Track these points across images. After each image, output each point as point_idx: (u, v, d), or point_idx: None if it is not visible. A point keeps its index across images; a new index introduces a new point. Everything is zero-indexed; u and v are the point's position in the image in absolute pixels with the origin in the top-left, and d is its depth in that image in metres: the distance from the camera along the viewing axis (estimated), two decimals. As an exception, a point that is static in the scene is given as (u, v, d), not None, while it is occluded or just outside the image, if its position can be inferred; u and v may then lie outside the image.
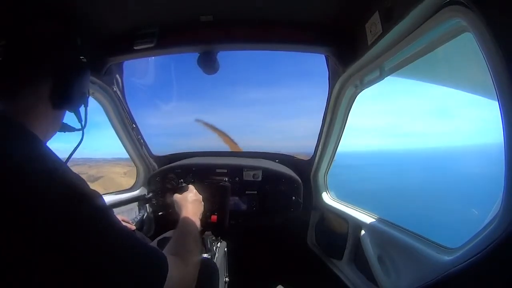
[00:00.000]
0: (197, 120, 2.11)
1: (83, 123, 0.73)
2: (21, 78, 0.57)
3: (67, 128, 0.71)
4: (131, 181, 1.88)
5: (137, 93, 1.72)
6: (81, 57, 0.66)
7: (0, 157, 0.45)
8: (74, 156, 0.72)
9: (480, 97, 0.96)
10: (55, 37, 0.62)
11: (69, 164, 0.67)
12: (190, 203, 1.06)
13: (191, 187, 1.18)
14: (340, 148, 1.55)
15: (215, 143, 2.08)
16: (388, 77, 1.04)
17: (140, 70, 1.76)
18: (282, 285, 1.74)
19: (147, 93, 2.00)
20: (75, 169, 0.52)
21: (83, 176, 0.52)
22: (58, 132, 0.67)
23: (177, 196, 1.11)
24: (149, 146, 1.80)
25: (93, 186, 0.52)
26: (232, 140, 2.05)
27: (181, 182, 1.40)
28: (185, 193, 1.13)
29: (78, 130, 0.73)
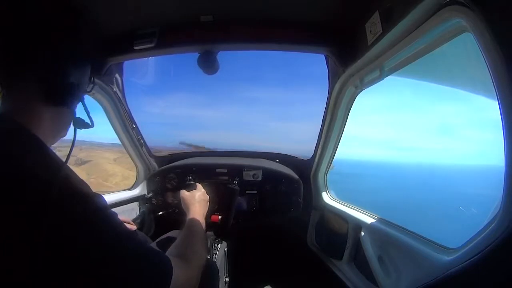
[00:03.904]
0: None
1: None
2: (15, 73, 0.54)
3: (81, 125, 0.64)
4: (117, 168, 1.86)
5: (137, 93, 1.72)
6: (79, 51, 0.60)
7: (0, 158, 0.45)
8: (67, 137, 0.63)
9: (480, 96, 0.95)
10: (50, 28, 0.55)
11: (61, 145, 0.63)
12: (198, 202, 1.05)
13: (199, 185, 1.17)
14: (345, 157, 1.53)
15: (214, 139, 2.08)
16: (390, 86, 1.03)
17: (140, 70, 1.76)
18: (282, 285, 1.74)
19: (147, 93, 1.99)
20: (64, 150, 0.50)
21: (71, 159, 0.51)
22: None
23: (184, 193, 1.10)
24: (148, 142, 1.78)
25: (76, 170, 0.51)
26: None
27: (190, 179, 1.38)
28: (193, 191, 1.12)
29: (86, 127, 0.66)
